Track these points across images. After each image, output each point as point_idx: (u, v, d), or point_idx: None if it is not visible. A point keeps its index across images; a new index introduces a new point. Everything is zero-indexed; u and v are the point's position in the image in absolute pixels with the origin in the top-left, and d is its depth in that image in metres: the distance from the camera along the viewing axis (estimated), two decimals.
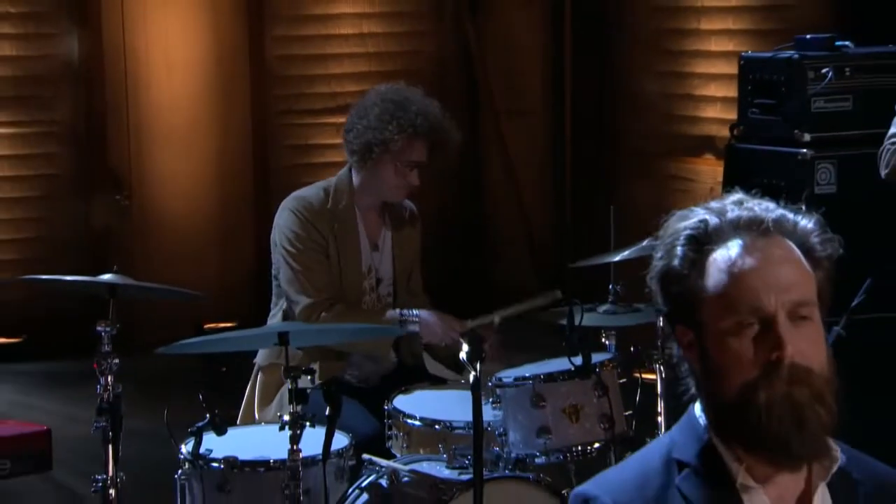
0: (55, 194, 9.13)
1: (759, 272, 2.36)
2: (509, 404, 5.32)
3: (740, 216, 2.42)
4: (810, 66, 6.81)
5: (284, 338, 4.90)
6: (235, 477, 5.13)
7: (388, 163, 5.67)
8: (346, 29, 9.73)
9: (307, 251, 5.65)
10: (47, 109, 9.24)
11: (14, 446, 4.68)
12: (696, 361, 2.42)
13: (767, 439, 2.32)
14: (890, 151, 5.96)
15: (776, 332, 2.32)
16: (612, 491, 2.38)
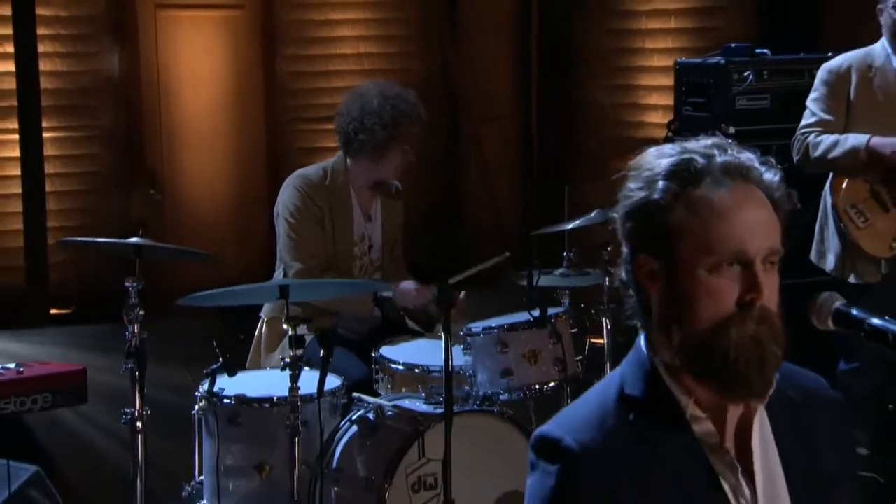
0: (99, 189, 9.12)
1: (745, 216, 2.23)
2: (478, 350, 5.34)
3: (728, 161, 2.26)
4: (734, 70, 6.84)
5: (285, 291, 4.90)
6: (244, 411, 5.14)
7: (397, 150, 5.69)
8: (346, 49, 9.73)
9: (304, 222, 5.65)
10: (92, 117, 9.22)
11: (54, 382, 4.67)
12: (658, 291, 2.27)
13: (732, 376, 2.21)
14: (800, 141, 5.97)
15: (754, 276, 2.21)
16: (573, 431, 2.23)
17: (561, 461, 2.21)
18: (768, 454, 2.34)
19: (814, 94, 6.01)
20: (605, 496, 2.18)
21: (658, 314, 2.28)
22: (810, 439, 2.38)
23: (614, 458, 2.21)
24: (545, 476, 2.23)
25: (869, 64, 5.94)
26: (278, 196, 5.79)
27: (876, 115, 5.89)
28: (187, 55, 9.42)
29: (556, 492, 2.21)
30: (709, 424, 2.28)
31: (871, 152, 5.75)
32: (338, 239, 5.71)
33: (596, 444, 2.21)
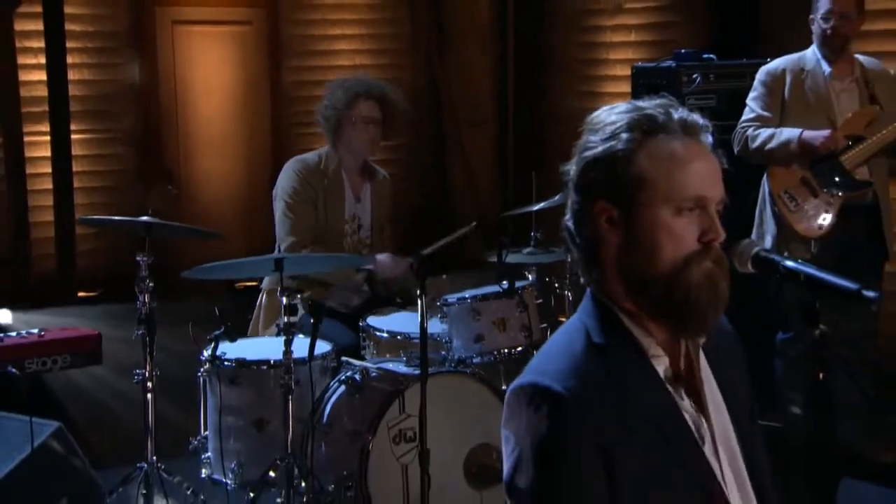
0: (121, 185, 9.11)
1: (702, 166, 2.24)
2: (453, 318, 5.36)
3: (684, 118, 2.28)
4: (684, 73, 6.87)
5: (280, 264, 4.90)
6: (244, 373, 5.15)
7: (348, 125, 5.71)
8: (343, 61, 9.72)
9: (300, 202, 5.68)
10: (116, 120, 9.20)
11: (72, 345, 4.66)
12: (618, 235, 2.24)
13: (691, 312, 2.22)
14: (740, 134, 6.02)
15: (713, 218, 2.23)
16: (557, 379, 2.18)
17: (552, 406, 2.17)
18: (712, 387, 2.35)
19: (753, 93, 6.05)
20: (592, 434, 2.15)
21: (616, 260, 2.26)
22: (733, 372, 2.41)
23: (595, 400, 2.18)
24: (538, 420, 2.18)
25: (801, 67, 5.98)
26: (278, 179, 5.79)
27: (806, 111, 5.94)
28: (201, 66, 9.41)
29: (551, 432, 2.17)
30: (668, 361, 2.29)
31: (802, 144, 5.79)
32: (330, 217, 5.72)
33: (578, 390, 2.18)
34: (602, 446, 2.15)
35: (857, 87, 5.99)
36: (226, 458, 5.16)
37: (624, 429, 2.17)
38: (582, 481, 2.16)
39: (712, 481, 2.27)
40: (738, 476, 2.34)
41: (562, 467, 2.16)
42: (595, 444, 2.15)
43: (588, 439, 2.15)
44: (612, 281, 2.28)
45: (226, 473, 5.18)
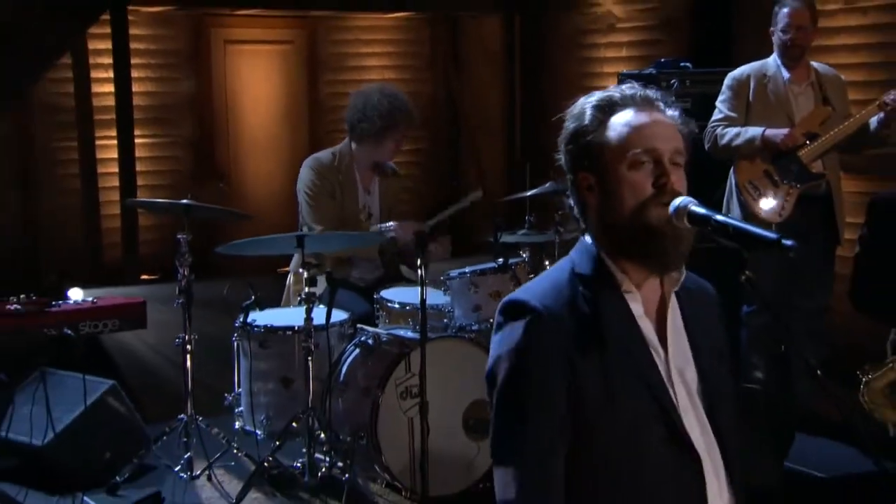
0: (179, 183, 9.12)
1: (651, 126, 2.28)
2: (454, 291, 5.34)
3: (635, 93, 2.33)
4: (663, 79, 6.82)
5: (301, 241, 4.89)
6: (271, 338, 5.15)
7: (391, 140, 5.66)
8: (373, 76, 9.71)
9: (319, 194, 5.63)
10: (174, 127, 9.25)
11: (121, 311, 4.67)
12: (596, 197, 2.30)
13: (654, 248, 2.25)
14: (710, 133, 5.97)
15: (664, 166, 2.26)
16: (536, 296, 2.26)
17: (528, 317, 2.23)
18: (677, 327, 2.37)
19: (721, 96, 6.00)
20: (560, 343, 2.21)
21: (596, 216, 2.32)
22: (703, 320, 2.41)
23: (568, 318, 2.24)
24: (513, 329, 2.25)
25: (764, 73, 5.93)
26: (299, 175, 5.76)
27: (768, 111, 5.88)
28: (249, 80, 9.43)
29: (523, 339, 2.23)
30: (638, 296, 2.31)
31: (765, 141, 5.74)
32: (346, 206, 5.68)
33: (554, 307, 2.24)
34: (568, 355, 2.21)
35: (813, 91, 5.94)
36: (256, 412, 5.17)
37: (590, 344, 2.23)
38: (547, 379, 2.21)
39: (668, 399, 2.28)
40: (693, 404, 2.34)
41: (531, 366, 2.22)
42: (562, 352, 2.21)
43: (556, 347, 2.21)
44: (598, 235, 2.34)
45: (256, 425, 5.19)
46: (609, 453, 2.24)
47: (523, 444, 2.25)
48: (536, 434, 2.23)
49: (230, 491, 4.92)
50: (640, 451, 2.25)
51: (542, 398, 2.22)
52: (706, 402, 2.36)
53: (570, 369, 2.21)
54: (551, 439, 2.22)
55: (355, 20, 9.70)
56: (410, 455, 4.70)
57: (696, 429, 2.33)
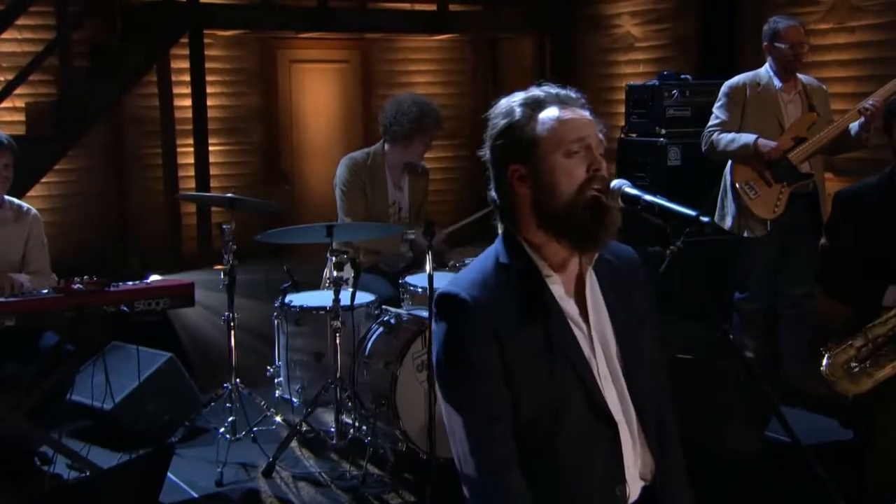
0: (249, 185, 9.11)
1: (578, 119, 2.25)
2: None
3: (561, 93, 2.29)
4: (665, 89, 6.70)
5: (331, 230, 4.85)
6: (305, 316, 5.14)
7: (420, 142, 5.58)
8: (420, 91, 9.54)
9: (352, 190, 5.58)
10: (245, 136, 9.25)
11: (171, 291, 4.64)
12: (527, 187, 2.23)
13: (587, 229, 2.20)
14: (707, 137, 5.88)
15: (595, 155, 2.22)
16: (465, 288, 2.21)
17: (458, 309, 2.20)
18: (597, 300, 2.32)
19: (718, 103, 5.89)
20: (489, 327, 2.18)
21: (528, 204, 2.24)
22: (623, 289, 2.35)
23: (496, 306, 2.20)
24: (446, 320, 2.22)
25: (757, 82, 5.81)
26: (336, 172, 5.71)
27: (761, 117, 5.79)
28: (311, 94, 9.41)
29: (455, 328, 2.21)
30: (558, 279, 2.26)
31: (756, 148, 5.64)
32: (377, 201, 5.62)
33: (482, 297, 2.21)
34: (497, 337, 2.17)
35: (800, 99, 5.83)
36: (292, 382, 5.15)
37: (516, 325, 2.19)
38: (480, 360, 2.18)
39: (587, 371, 2.25)
40: (613, 371, 2.31)
41: (465, 349, 2.19)
42: (490, 335, 2.17)
43: (485, 331, 2.18)
44: (527, 222, 2.26)
45: (292, 393, 5.17)
46: (533, 422, 2.21)
47: (471, 411, 2.21)
48: (481, 401, 2.20)
49: (268, 451, 4.90)
50: (561, 419, 2.21)
51: (479, 374, 2.19)
52: (625, 368, 2.31)
53: (498, 350, 2.18)
54: (492, 406, 2.18)
55: (404, 42, 9.64)
56: (425, 420, 4.65)
57: (615, 396, 2.29)
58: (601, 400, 2.25)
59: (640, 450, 2.33)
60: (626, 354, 2.31)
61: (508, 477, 2.18)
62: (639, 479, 2.33)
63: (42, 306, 4.37)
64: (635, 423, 2.31)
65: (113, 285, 4.54)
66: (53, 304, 4.39)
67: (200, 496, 4.63)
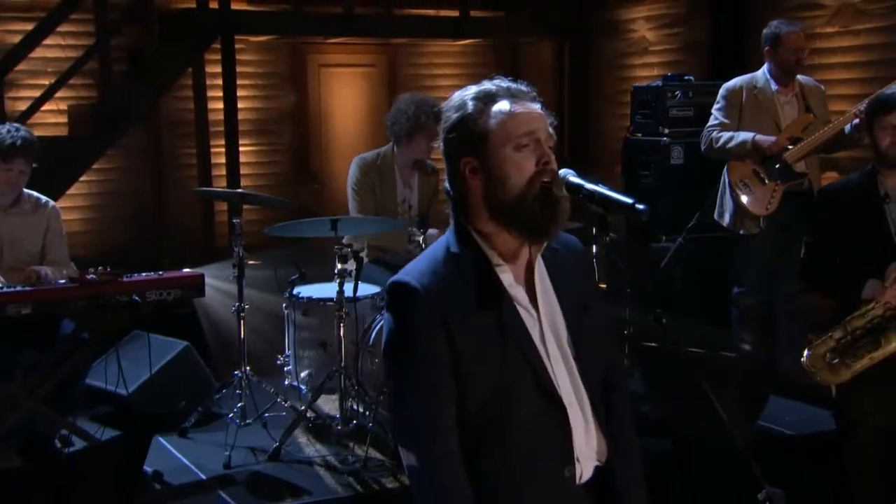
0: (279, 184, 9.19)
1: (528, 113, 2.21)
2: None
3: (512, 87, 2.26)
4: (668, 90, 6.66)
5: (335, 224, 4.85)
6: (312, 307, 5.15)
7: (422, 140, 5.52)
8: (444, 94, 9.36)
9: (362, 188, 5.55)
10: (275, 136, 9.30)
11: (182, 281, 4.67)
12: (479, 179, 2.20)
13: (538, 219, 2.18)
14: (706, 136, 5.87)
15: (544, 148, 2.20)
16: (416, 277, 2.19)
17: (408, 297, 2.18)
18: (546, 287, 2.30)
19: (717, 104, 5.85)
20: (438, 315, 2.16)
21: (480, 195, 2.22)
22: (570, 276, 2.32)
23: (445, 294, 2.18)
24: (400, 306, 2.20)
25: (754, 84, 5.77)
26: (349, 171, 5.71)
27: (758, 118, 5.76)
28: (339, 97, 9.43)
29: (406, 315, 2.19)
30: (507, 268, 2.24)
31: (755, 145, 5.61)
32: (386, 199, 5.59)
33: (432, 285, 2.18)
34: (446, 324, 2.15)
35: (797, 100, 5.78)
36: (300, 371, 5.17)
37: (466, 313, 2.17)
38: (429, 347, 2.16)
39: (536, 356, 2.23)
40: (564, 355, 2.29)
41: (414, 337, 2.17)
42: (440, 323, 2.15)
43: (434, 319, 2.15)
44: (478, 213, 2.24)
45: (300, 381, 5.19)
46: (484, 407, 2.19)
47: (417, 399, 2.20)
48: (427, 389, 2.18)
49: (276, 436, 4.92)
50: (511, 403, 2.19)
51: (427, 363, 2.17)
52: (576, 353, 2.29)
53: (447, 338, 2.16)
54: (438, 395, 2.17)
55: (429, 46, 9.64)
56: None
57: (565, 380, 2.27)
58: (551, 384, 2.23)
59: (591, 431, 2.31)
60: (576, 339, 2.30)
61: (448, 471, 2.17)
62: (591, 460, 2.31)
63: (57, 295, 4.42)
64: (587, 406, 2.30)
65: (126, 276, 4.58)
66: (68, 294, 4.44)
67: (208, 478, 4.66)
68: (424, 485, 2.21)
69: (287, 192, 9.00)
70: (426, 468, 2.19)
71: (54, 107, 8.12)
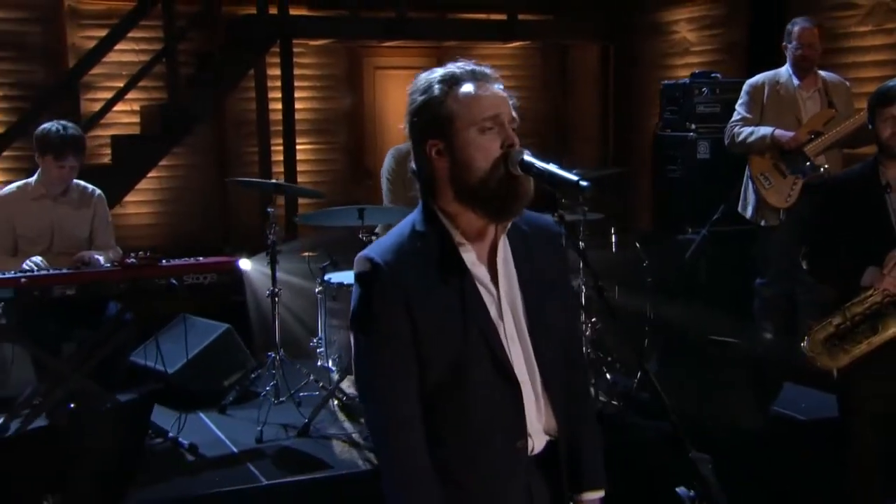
0: (336, 181, 9.28)
1: (492, 96, 2.20)
2: None
3: (475, 69, 2.23)
4: (696, 87, 6.57)
5: (362, 213, 4.89)
6: (342, 292, 5.17)
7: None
8: None
9: (396, 179, 5.58)
10: (332, 136, 9.39)
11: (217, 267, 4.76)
12: (445, 161, 2.18)
13: (501, 200, 2.17)
14: (728, 132, 5.87)
15: (508, 131, 2.18)
16: (380, 252, 2.20)
17: (371, 272, 2.19)
18: (508, 267, 2.28)
19: (740, 100, 5.78)
20: (400, 290, 2.16)
21: (446, 177, 2.20)
22: (535, 257, 2.29)
23: (407, 269, 2.18)
24: (360, 282, 2.21)
25: (777, 80, 5.68)
26: (384, 162, 5.72)
27: (780, 113, 5.68)
28: (393, 98, 9.45)
29: (368, 287, 2.19)
30: (470, 247, 2.23)
31: (774, 140, 5.52)
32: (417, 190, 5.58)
33: (395, 261, 2.19)
34: (406, 298, 2.15)
35: (819, 96, 5.67)
36: (331, 352, 5.21)
37: (427, 288, 2.17)
38: (389, 318, 2.16)
39: (493, 332, 2.22)
40: (521, 333, 2.27)
41: (376, 308, 2.18)
42: (401, 296, 2.15)
43: (395, 293, 2.16)
44: (444, 193, 2.23)
45: (331, 363, 5.23)
46: (441, 378, 2.19)
47: (377, 368, 2.21)
48: (386, 359, 2.19)
49: (305, 413, 4.98)
50: (467, 376, 2.19)
51: (386, 336, 2.17)
52: (532, 332, 2.27)
53: (408, 311, 2.16)
54: (397, 365, 2.17)
55: (479, 49, 9.59)
56: None
57: (520, 357, 2.26)
58: (505, 360, 2.22)
59: (542, 407, 2.30)
60: (534, 319, 2.28)
61: (407, 435, 2.18)
62: (543, 435, 2.30)
63: (99, 278, 4.54)
64: (539, 383, 2.29)
65: (165, 260, 4.67)
66: (109, 276, 4.55)
67: (240, 451, 4.74)
68: (385, 448, 2.23)
69: (343, 189, 9.11)
70: (387, 432, 2.20)
71: (127, 107, 8.33)
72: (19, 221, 4.86)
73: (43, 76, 8.17)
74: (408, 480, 2.18)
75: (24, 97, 8.02)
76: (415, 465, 2.18)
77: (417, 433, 2.19)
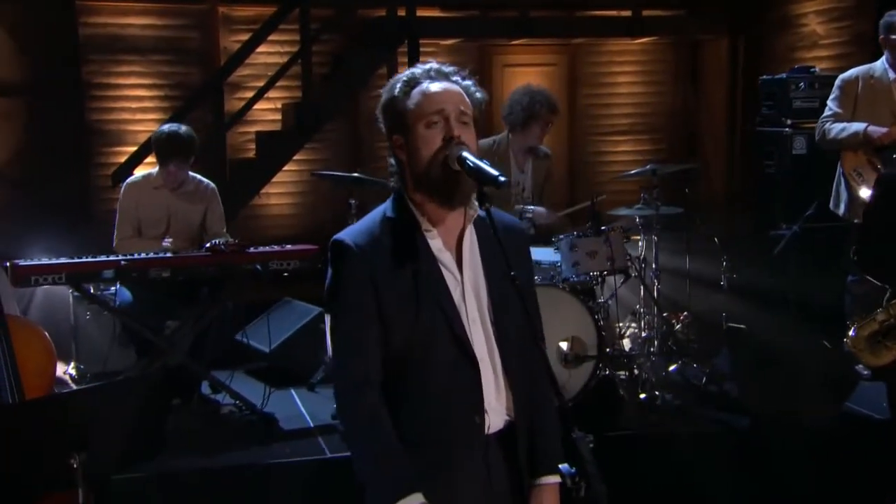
0: None
1: (442, 93, 2.38)
2: (562, 250, 5.32)
3: (431, 68, 2.43)
4: (793, 82, 6.40)
5: None
6: None
7: (536, 128, 5.62)
8: (622, 90, 9.66)
9: None
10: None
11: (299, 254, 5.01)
12: (405, 154, 2.37)
13: (446, 189, 2.33)
14: (819, 128, 5.74)
15: (451, 125, 2.34)
16: (351, 236, 2.37)
17: (342, 253, 2.37)
18: (474, 254, 2.43)
19: (832, 95, 5.63)
20: (368, 271, 2.33)
21: (408, 169, 2.39)
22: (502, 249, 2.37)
23: (376, 253, 2.35)
24: (336, 260, 2.39)
25: (871, 74, 5.51)
26: None
27: (874, 107, 5.52)
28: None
29: (339, 267, 2.37)
30: (436, 234, 2.39)
31: (866, 136, 5.38)
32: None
33: (365, 244, 2.36)
34: (372, 280, 2.31)
35: None
36: None
37: (393, 271, 2.33)
38: (357, 295, 2.32)
39: (455, 314, 2.36)
40: (482, 317, 2.40)
41: (345, 285, 2.35)
42: (368, 277, 2.32)
43: (364, 273, 2.32)
44: (410, 184, 2.40)
45: None
46: (404, 354, 2.34)
47: (343, 334, 2.38)
48: (351, 326, 2.35)
49: None
50: (428, 354, 2.34)
51: (353, 311, 2.33)
52: (494, 316, 2.40)
53: (374, 291, 2.31)
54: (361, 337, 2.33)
55: (608, 45, 9.60)
56: None
57: (481, 338, 2.39)
58: (465, 339, 2.35)
59: (501, 387, 2.41)
60: (496, 304, 2.40)
61: (365, 396, 2.34)
62: (501, 414, 2.42)
63: (190, 262, 4.91)
64: (499, 364, 2.41)
65: (251, 248, 4.99)
66: (200, 261, 4.92)
67: (315, 426, 5.02)
68: (345, 407, 2.40)
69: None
70: (347, 393, 2.38)
71: (270, 105, 8.77)
72: (141, 206, 5.33)
73: (198, 77, 8.69)
74: (367, 434, 2.32)
75: (181, 97, 8.55)
76: (373, 419, 2.32)
77: (376, 392, 2.34)
